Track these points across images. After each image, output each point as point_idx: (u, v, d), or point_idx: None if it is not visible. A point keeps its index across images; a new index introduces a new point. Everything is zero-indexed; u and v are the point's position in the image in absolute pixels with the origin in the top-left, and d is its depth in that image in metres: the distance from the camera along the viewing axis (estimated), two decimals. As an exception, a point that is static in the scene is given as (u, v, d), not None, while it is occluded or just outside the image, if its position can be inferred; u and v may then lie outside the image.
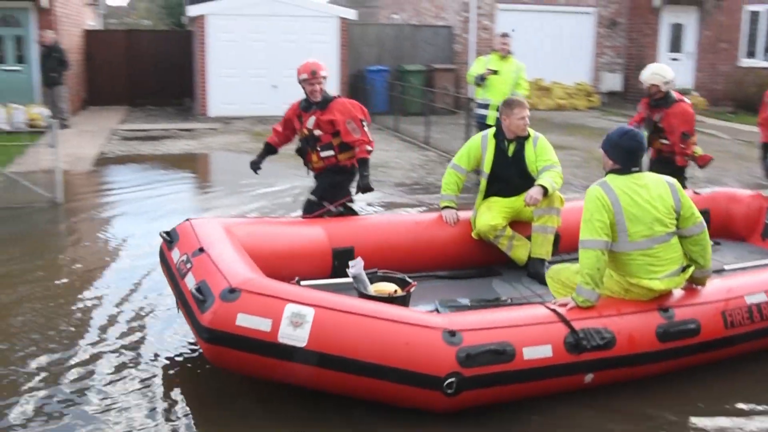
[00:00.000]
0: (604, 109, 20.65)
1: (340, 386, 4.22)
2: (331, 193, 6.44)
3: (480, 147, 6.16)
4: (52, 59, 15.32)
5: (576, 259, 4.72)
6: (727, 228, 7.21)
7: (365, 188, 6.24)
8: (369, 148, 6.26)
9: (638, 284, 4.67)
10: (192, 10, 18.51)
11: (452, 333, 4.11)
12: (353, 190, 6.48)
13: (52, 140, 9.39)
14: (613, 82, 21.98)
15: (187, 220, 5.56)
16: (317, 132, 6.34)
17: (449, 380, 4.03)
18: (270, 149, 6.81)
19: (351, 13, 19.45)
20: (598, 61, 21.89)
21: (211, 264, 4.59)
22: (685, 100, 7.52)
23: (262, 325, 4.07)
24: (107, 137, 15.07)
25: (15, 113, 14.85)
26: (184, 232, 5.29)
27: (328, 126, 6.28)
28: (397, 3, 26.72)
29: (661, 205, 4.64)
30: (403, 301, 4.83)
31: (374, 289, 4.90)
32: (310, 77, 6.29)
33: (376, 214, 7.68)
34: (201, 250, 4.83)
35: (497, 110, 9.99)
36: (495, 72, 9.96)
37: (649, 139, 7.52)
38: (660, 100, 7.43)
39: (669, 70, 7.48)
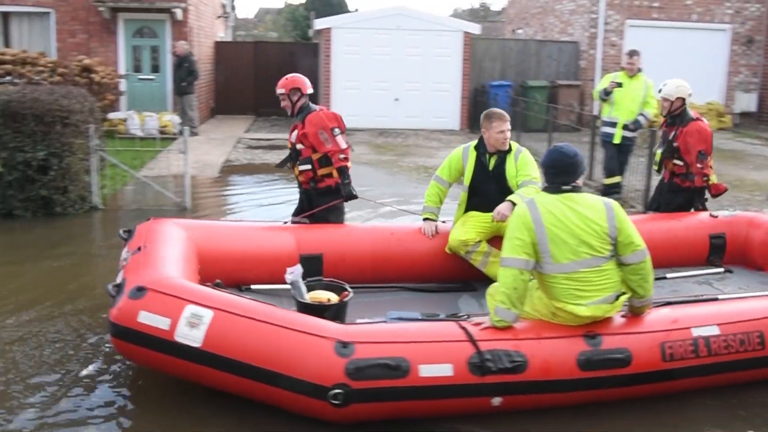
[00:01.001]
0: (736, 131, 19.73)
1: (235, 388, 4.24)
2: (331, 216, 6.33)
3: (461, 159, 6.01)
4: (183, 69, 15.94)
5: None
6: (743, 255, 6.65)
7: (348, 196, 6.20)
8: (341, 156, 6.16)
9: (563, 309, 4.39)
10: (319, 23, 18.92)
11: (345, 344, 4.04)
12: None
13: (182, 147, 9.70)
14: (748, 102, 20.98)
15: (149, 219, 5.72)
16: (299, 146, 6.32)
17: (336, 391, 3.97)
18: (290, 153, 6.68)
19: (475, 28, 19.39)
20: (731, 80, 20.94)
21: (140, 263, 4.72)
22: (703, 119, 7.09)
23: (162, 323, 4.17)
24: (233, 145, 15.53)
25: (148, 120, 15.62)
26: (139, 232, 5.44)
27: (306, 140, 6.25)
28: (522, 18, 26.46)
29: (590, 228, 4.34)
30: (338, 309, 4.76)
31: (311, 296, 4.84)
32: (279, 95, 6.43)
33: (354, 223, 7.20)
34: (139, 249, 4.95)
35: (624, 128, 9.93)
36: (619, 85, 9.69)
37: (661, 160, 7.16)
38: (676, 117, 7.11)
39: (688, 85, 7.16)
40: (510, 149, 5.84)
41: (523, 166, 5.77)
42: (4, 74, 14.68)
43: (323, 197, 6.30)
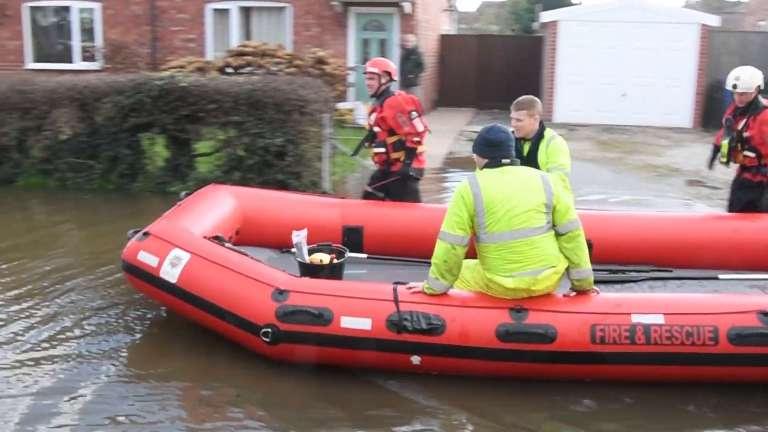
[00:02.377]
0: None
1: (199, 321, 5.10)
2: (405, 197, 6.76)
3: None
4: (411, 62, 16.24)
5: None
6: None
7: (403, 174, 6.59)
8: (415, 138, 6.54)
9: (492, 280, 4.60)
10: (545, 16, 18.58)
11: (281, 291, 4.69)
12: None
13: (408, 137, 9.87)
14: None
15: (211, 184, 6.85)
16: (376, 129, 6.69)
17: (265, 330, 4.63)
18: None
19: (714, 20, 18.19)
20: None
21: (166, 217, 5.75)
22: None
23: (152, 261, 5.16)
24: (455, 137, 15.65)
25: (374, 110, 16.03)
26: (196, 194, 6.39)
27: (383, 123, 6.59)
28: (766, 9, 24.53)
29: (526, 198, 4.55)
30: (331, 270, 5.40)
31: (311, 258, 5.48)
32: (370, 73, 6.74)
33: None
34: (179, 206, 6.04)
35: None
36: None
37: (729, 151, 6.65)
38: (746, 106, 6.46)
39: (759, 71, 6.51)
40: (543, 136, 5.86)
41: (553, 153, 5.80)
42: (245, 65, 15.68)
43: (406, 183, 6.74)
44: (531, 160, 5.81)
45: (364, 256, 6.26)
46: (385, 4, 17.53)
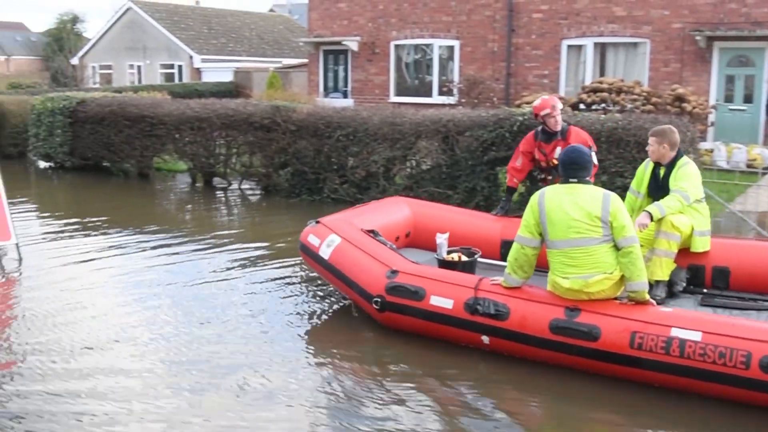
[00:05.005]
0: None
1: (339, 288, 6.65)
2: None
3: (643, 169, 6.71)
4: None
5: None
6: None
7: None
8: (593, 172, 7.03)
9: (553, 280, 5.35)
10: None
11: (394, 271, 6.02)
12: None
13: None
14: None
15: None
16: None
17: (376, 299, 5.99)
18: (512, 192, 7.93)
19: None
20: None
21: (344, 214, 7.34)
22: None
23: (315, 242, 6.77)
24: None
25: (735, 153, 14.92)
26: (380, 201, 8.21)
27: None
28: None
29: (581, 213, 5.21)
30: (464, 266, 6.49)
31: (449, 256, 6.64)
32: (552, 111, 7.35)
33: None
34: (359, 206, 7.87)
35: None
36: None
37: None
38: None
39: None
40: (676, 163, 6.39)
41: (679, 177, 6.31)
42: (599, 101, 15.43)
43: None
44: (663, 184, 6.41)
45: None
46: (755, 38, 16.25)
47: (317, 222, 6.99)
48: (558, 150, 7.38)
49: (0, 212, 8.52)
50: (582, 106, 15.38)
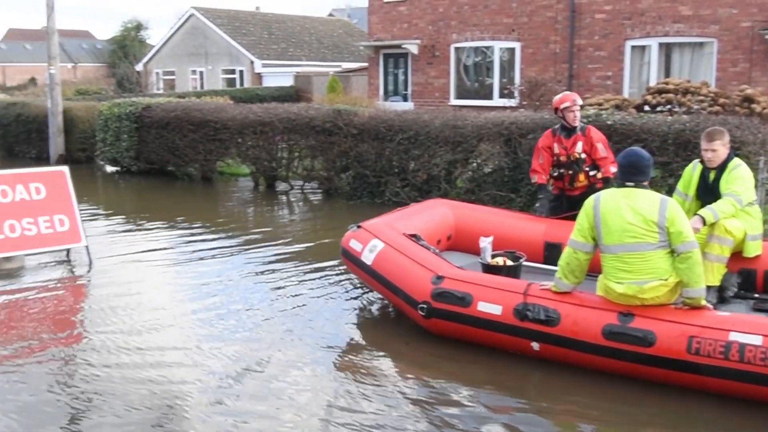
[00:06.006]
0: None
1: (383, 293, 6.50)
2: None
3: (691, 172, 6.49)
4: None
5: None
6: None
7: None
8: (613, 169, 7.07)
9: (607, 284, 5.23)
10: None
11: (439, 277, 5.85)
12: None
13: None
14: None
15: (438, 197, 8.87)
16: (584, 155, 7.47)
17: (422, 305, 5.84)
18: (544, 188, 7.73)
19: None
20: None
21: (387, 217, 7.22)
22: None
23: (357, 247, 6.61)
24: None
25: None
26: (421, 203, 8.09)
27: (590, 149, 7.44)
28: None
29: (637, 218, 5.10)
30: (509, 270, 6.39)
31: (494, 261, 6.55)
32: (572, 105, 7.42)
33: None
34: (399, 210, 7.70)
35: None
36: None
37: None
38: None
39: None
40: (727, 165, 6.17)
41: (731, 180, 6.11)
42: (664, 103, 15.12)
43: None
44: (714, 187, 6.22)
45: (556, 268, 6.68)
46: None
47: (358, 226, 6.87)
48: (579, 144, 7.44)
49: (71, 215, 8.73)
50: (647, 107, 15.08)
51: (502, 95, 19.73)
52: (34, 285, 7.84)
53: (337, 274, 8.01)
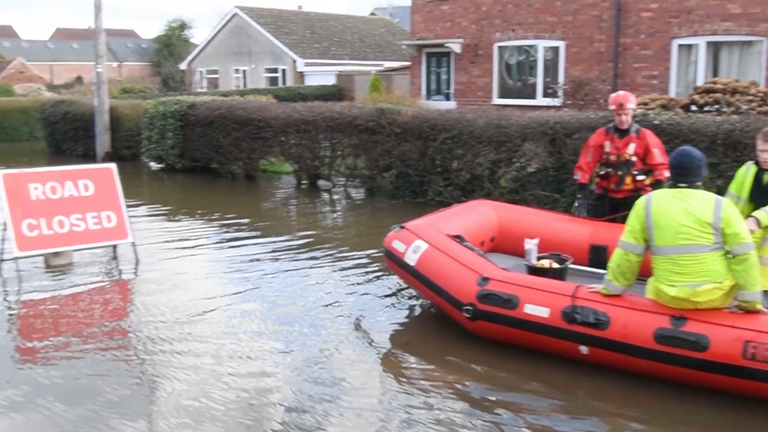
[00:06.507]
0: None
1: (425, 295, 6.48)
2: None
3: (744, 173, 6.20)
4: None
5: None
6: None
7: None
8: (667, 173, 6.67)
9: (658, 287, 5.11)
10: None
11: (485, 279, 5.79)
12: None
13: None
14: None
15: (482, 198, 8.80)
16: (634, 158, 7.30)
17: (467, 307, 5.77)
18: (586, 188, 7.62)
19: None
20: None
21: (430, 217, 7.17)
22: None
23: (400, 247, 6.56)
24: None
25: None
26: (464, 204, 8.05)
27: (642, 152, 7.28)
28: None
29: (690, 219, 4.96)
30: (554, 272, 6.35)
31: (539, 262, 6.55)
32: (618, 108, 7.28)
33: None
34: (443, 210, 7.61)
35: None
36: None
37: None
38: None
39: None
40: None
41: None
42: (712, 102, 14.85)
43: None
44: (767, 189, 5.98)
45: (603, 272, 6.51)
46: None
47: (401, 227, 6.82)
48: (631, 146, 7.31)
49: (118, 212, 8.86)
50: (694, 107, 14.82)
51: (545, 94, 19.56)
52: (83, 280, 7.99)
53: (379, 275, 8.01)
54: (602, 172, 7.58)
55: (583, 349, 5.33)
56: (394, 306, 7.01)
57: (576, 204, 7.77)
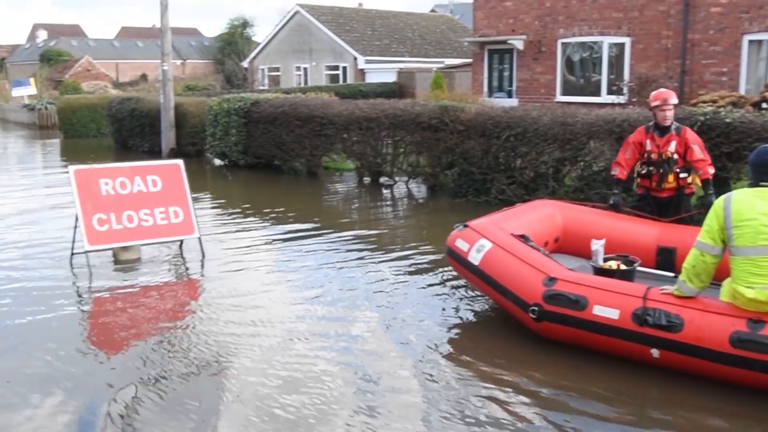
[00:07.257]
0: None
1: (489, 295, 6.40)
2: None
3: None
4: None
5: None
6: None
7: (708, 205, 6.18)
8: (711, 170, 7.09)
9: (736, 289, 4.93)
10: None
11: (551, 279, 5.68)
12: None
13: None
14: None
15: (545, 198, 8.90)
16: (676, 156, 7.18)
17: (533, 308, 5.68)
18: (622, 184, 7.63)
19: None
20: None
21: (493, 216, 7.08)
22: None
23: (464, 246, 6.48)
24: None
25: None
26: (529, 203, 7.93)
27: (684, 150, 7.16)
28: None
29: None
30: (622, 274, 6.21)
31: (606, 264, 6.39)
32: (662, 104, 7.19)
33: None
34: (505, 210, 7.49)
35: None
36: None
37: None
38: None
39: None
40: None
41: None
42: (761, 101, 14.48)
43: (688, 201, 7.40)
44: None
45: (671, 274, 6.49)
46: None
47: (465, 226, 6.72)
48: (672, 144, 7.16)
49: (185, 207, 8.99)
50: (765, 105, 14.42)
51: (610, 92, 19.23)
52: (152, 275, 8.16)
53: (441, 274, 7.97)
54: (643, 171, 7.42)
55: (655, 353, 5.17)
56: (454, 307, 6.95)
57: (611, 201, 7.65)
